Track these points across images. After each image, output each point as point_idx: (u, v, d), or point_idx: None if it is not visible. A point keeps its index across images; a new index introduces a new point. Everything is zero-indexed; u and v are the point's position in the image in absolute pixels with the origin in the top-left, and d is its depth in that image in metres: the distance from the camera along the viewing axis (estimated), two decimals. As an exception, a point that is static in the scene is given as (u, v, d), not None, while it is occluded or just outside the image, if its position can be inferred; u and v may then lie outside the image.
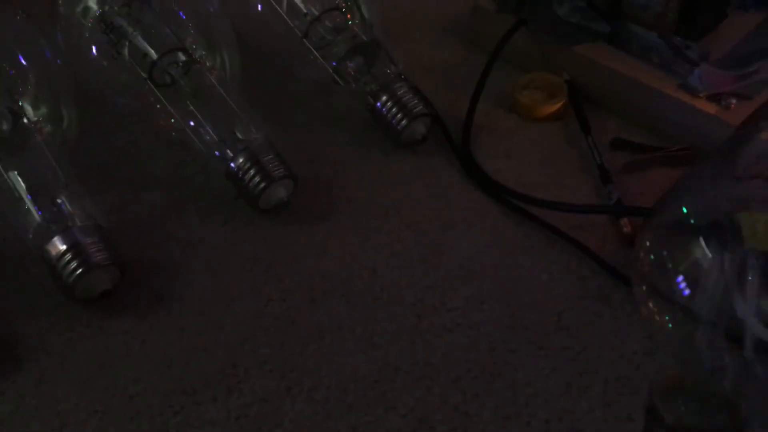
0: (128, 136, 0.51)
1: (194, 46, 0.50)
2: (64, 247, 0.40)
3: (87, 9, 0.51)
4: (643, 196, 0.47)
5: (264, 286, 0.43)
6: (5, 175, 0.43)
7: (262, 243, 0.45)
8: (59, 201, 0.42)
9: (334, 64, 0.52)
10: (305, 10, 0.54)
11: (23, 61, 0.47)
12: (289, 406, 0.37)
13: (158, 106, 0.49)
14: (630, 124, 0.52)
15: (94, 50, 0.51)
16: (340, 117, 0.53)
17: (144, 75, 0.49)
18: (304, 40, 0.53)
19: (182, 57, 0.49)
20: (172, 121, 0.48)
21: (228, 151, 0.47)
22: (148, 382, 0.37)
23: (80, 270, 0.39)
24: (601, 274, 0.42)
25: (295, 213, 0.47)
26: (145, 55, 0.49)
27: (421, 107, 0.51)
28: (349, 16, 0.54)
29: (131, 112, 0.51)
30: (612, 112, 0.53)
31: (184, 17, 0.51)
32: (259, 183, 0.45)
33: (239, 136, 0.48)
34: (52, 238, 0.40)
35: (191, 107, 0.48)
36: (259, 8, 0.56)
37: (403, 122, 0.51)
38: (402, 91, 0.51)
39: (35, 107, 0.46)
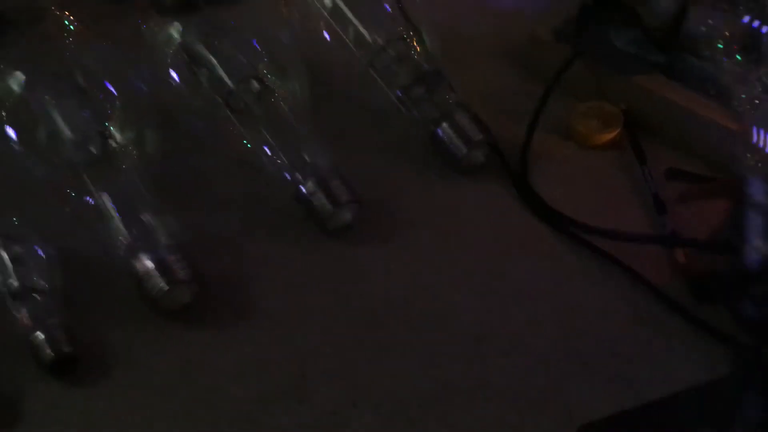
0: (203, 158, 0.54)
1: (267, 74, 0.53)
2: (151, 265, 0.43)
3: (170, 37, 0.55)
4: (697, 227, 0.48)
5: (331, 304, 0.45)
6: (96, 195, 0.46)
7: (329, 263, 0.48)
8: (145, 219, 0.45)
9: (399, 94, 0.55)
10: (371, 40, 0.58)
11: (111, 88, 0.50)
12: (356, 419, 0.39)
13: (232, 130, 0.52)
14: (685, 155, 0.54)
15: (174, 76, 0.55)
16: (401, 142, 0.56)
17: (220, 101, 0.53)
18: (369, 68, 0.57)
19: (256, 85, 0.53)
20: (246, 144, 0.52)
21: (297, 175, 0.50)
22: (225, 391, 0.40)
23: (165, 286, 0.43)
24: (655, 303, 0.44)
25: (360, 235, 0.49)
26: (222, 82, 0.53)
27: (480, 135, 0.53)
28: (414, 44, 0.57)
29: (206, 134, 0.54)
30: (667, 142, 0.55)
31: (259, 48, 0.54)
32: (327, 206, 0.48)
33: (308, 160, 0.51)
34: (140, 255, 0.44)
35: (263, 132, 0.52)
36: (327, 37, 0.59)
37: (463, 150, 0.53)
38: (462, 119, 0.54)
39: (122, 131, 0.50)
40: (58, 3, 0.57)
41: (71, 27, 0.55)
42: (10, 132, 0.48)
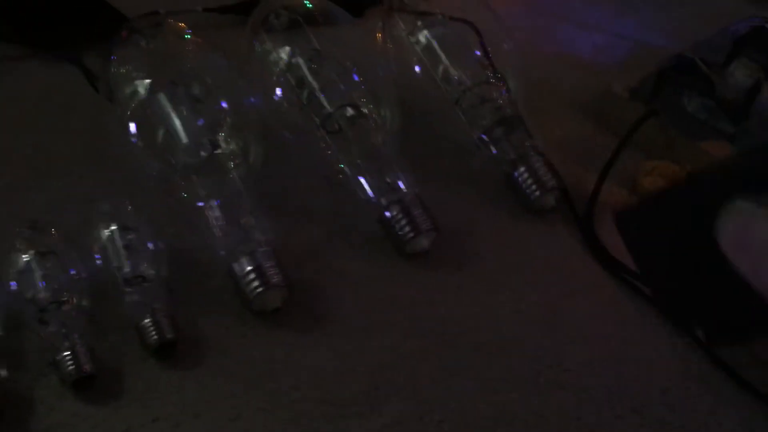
0: (294, 172, 0.59)
1: (363, 102, 0.58)
2: (249, 268, 0.48)
3: (278, 59, 0.60)
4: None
5: (403, 321, 0.49)
6: (203, 197, 0.51)
7: (403, 283, 0.52)
8: (245, 223, 0.50)
9: (483, 136, 0.59)
10: (458, 80, 0.62)
11: (223, 103, 0.55)
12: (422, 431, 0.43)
13: (324, 149, 0.57)
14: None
15: (278, 92, 0.59)
16: (476, 178, 0.60)
17: (317, 121, 0.57)
18: (455, 106, 0.61)
19: (351, 111, 0.57)
20: (336, 164, 0.56)
21: (383, 199, 0.54)
22: (305, 391, 0.45)
23: (260, 288, 0.47)
24: (705, 360, 0.47)
25: (433, 261, 0.53)
26: (321, 104, 0.58)
27: (553, 182, 0.57)
28: (498, 88, 0.61)
29: (299, 150, 0.59)
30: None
31: (357, 78, 0.59)
32: (408, 233, 0.52)
33: (393, 186, 0.55)
34: (240, 258, 0.48)
35: (354, 155, 0.56)
36: (418, 71, 0.63)
37: (537, 193, 0.57)
38: (538, 165, 0.57)
39: (228, 140, 0.54)
40: (176, 14, 0.63)
41: (187, 36, 0.60)
42: (132, 128, 0.53)
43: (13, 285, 0.45)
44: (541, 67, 0.72)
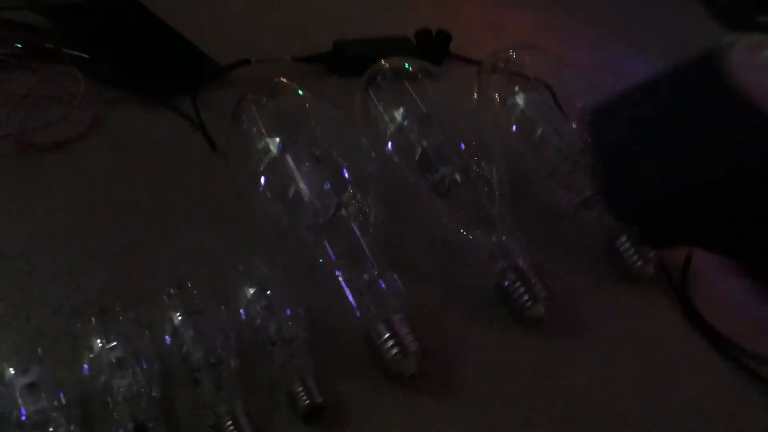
0: (403, 231, 0.60)
1: (479, 162, 0.60)
2: (387, 334, 0.49)
3: (392, 119, 0.62)
4: None
5: (527, 393, 0.51)
6: (334, 259, 0.52)
7: (523, 350, 0.54)
8: (378, 285, 0.51)
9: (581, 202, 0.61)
10: (558, 145, 0.64)
11: (345, 172, 0.57)
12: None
13: (437, 209, 0.59)
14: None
15: (389, 147, 0.61)
16: (574, 244, 0.62)
17: (428, 179, 0.59)
18: (552, 176, 0.63)
19: (462, 176, 0.59)
20: (451, 228, 0.58)
21: (497, 265, 0.56)
22: (448, 460, 0.46)
23: (399, 356, 0.49)
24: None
25: (547, 328, 0.55)
26: (433, 167, 0.60)
27: (654, 253, 0.60)
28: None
29: (410, 211, 0.61)
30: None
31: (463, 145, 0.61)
32: (526, 301, 0.55)
33: (506, 250, 0.57)
34: (377, 323, 0.50)
35: (466, 217, 0.58)
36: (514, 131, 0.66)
37: (639, 263, 0.59)
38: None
39: (352, 202, 0.56)
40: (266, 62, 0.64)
41: (300, 93, 0.62)
42: (262, 181, 0.55)
43: (168, 342, 0.46)
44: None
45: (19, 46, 0.70)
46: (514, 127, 0.67)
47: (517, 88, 0.67)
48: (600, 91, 0.66)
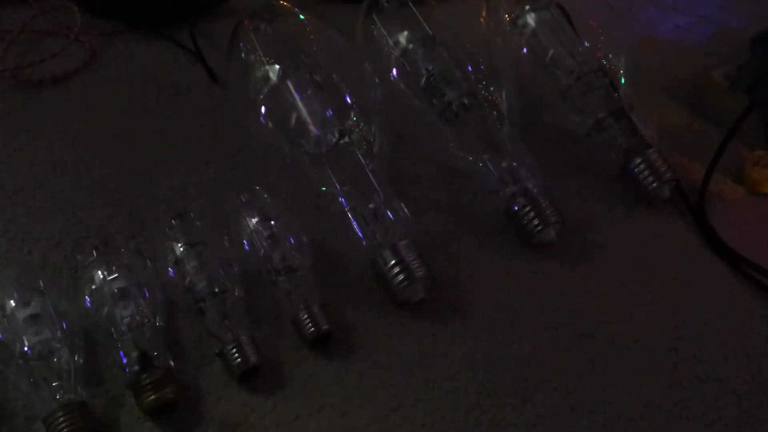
0: (410, 159, 0.59)
1: (481, 89, 0.58)
2: (393, 261, 0.48)
3: (397, 43, 0.59)
4: None
5: (538, 314, 0.50)
6: (339, 188, 0.51)
7: (533, 274, 0.53)
8: (384, 213, 0.50)
9: (595, 125, 0.59)
10: (569, 65, 0.62)
11: (348, 98, 0.55)
12: (575, 422, 0.45)
13: (446, 136, 0.57)
14: None
15: (394, 73, 0.59)
16: (587, 167, 0.60)
17: (435, 104, 0.57)
18: (564, 96, 0.61)
19: (470, 100, 0.57)
20: (459, 153, 0.57)
21: (508, 189, 0.55)
22: (459, 381, 0.46)
23: (406, 282, 0.48)
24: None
25: (558, 252, 0.54)
26: (440, 92, 0.58)
27: (670, 174, 0.58)
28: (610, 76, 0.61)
29: (417, 137, 0.59)
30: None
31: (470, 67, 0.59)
32: (537, 225, 0.53)
33: (516, 175, 0.55)
34: (382, 251, 0.49)
35: (479, 143, 0.56)
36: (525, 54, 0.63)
37: (654, 184, 0.57)
38: (654, 156, 0.58)
39: (354, 129, 0.54)
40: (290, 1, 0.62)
41: (302, 17, 0.59)
42: (263, 110, 0.53)
43: (171, 273, 0.46)
44: (636, 50, 0.72)
45: (13, -20, 0.68)
46: (525, 49, 0.64)
47: (527, 8, 0.64)
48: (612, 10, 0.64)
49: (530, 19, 0.64)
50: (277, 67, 0.54)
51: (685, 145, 0.64)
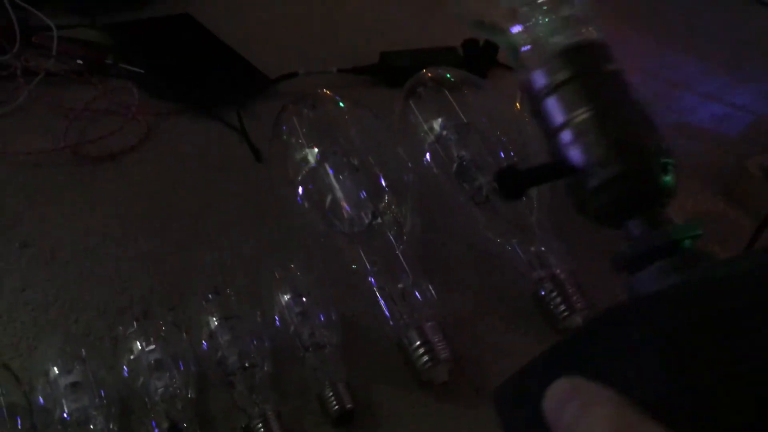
0: (440, 239, 0.61)
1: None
2: (418, 342, 0.50)
3: (431, 129, 0.62)
4: None
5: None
6: (369, 267, 0.53)
7: (558, 360, 0.53)
8: (411, 293, 0.52)
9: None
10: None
11: (382, 181, 0.57)
12: None
13: (473, 219, 0.59)
14: None
15: (427, 157, 0.62)
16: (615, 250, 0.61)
17: (467, 188, 0.59)
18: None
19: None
20: (488, 236, 0.58)
21: (536, 273, 0.56)
22: (480, 467, 0.46)
23: (430, 363, 0.49)
24: None
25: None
26: (471, 176, 0.60)
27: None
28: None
29: (447, 219, 0.61)
30: None
31: (503, 154, 0.61)
32: (563, 311, 0.54)
33: (544, 260, 0.57)
34: (408, 331, 0.50)
35: (507, 226, 0.58)
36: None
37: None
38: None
39: (387, 211, 0.57)
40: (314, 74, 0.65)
41: (341, 105, 0.63)
42: (300, 191, 0.56)
43: (204, 346, 0.48)
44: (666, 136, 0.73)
45: (80, 62, 0.74)
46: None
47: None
48: (651, 97, 0.65)
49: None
50: (317, 150, 0.57)
51: (719, 233, 0.65)
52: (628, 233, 0.34)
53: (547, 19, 0.37)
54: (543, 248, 0.56)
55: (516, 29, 0.38)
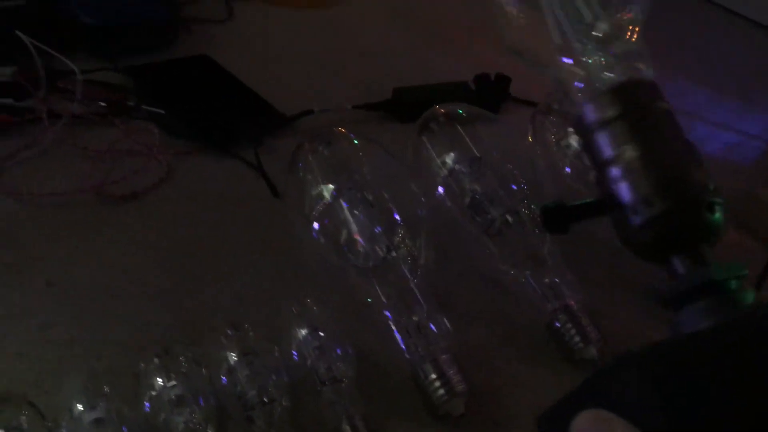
0: (451, 271, 0.62)
1: (524, 206, 0.61)
2: (434, 375, 0.50)
3: (444, 163, 0.63)
4: None
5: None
6: (384, 300, 0.54)
7: (574, 391, 0.54)
8: (426, 325, 0.53)
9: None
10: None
11: (396, 216, 0.58)
12: None
13: (486, 251, 0.60)
14: None
15: (440, 190, 0.63)
16: (630, 279, 0.62)
17: (480, 225, 0.60)
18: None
19: (512, 218, 0.60)
20: (501, 268, 0.59)
21: (549, 305, 0.57)
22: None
23: (446, 397, 0.50)
24: None
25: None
26: (484, 210, 0.61)
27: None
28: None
29: (460, 252, 0.62)
30: None
31: (514, 186, 0.62)
32: (578, 342, 0.54)
33: (556, 291, 0.57)
34: (423, 364, 0.51)
35: (517, 259, 0.59)
36: (568, 173, 0.66)
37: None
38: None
39: (402, 245, 0.58)
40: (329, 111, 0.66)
41: (356, 142, 0.64)
42: (316, 226, 0.57)
43: (224, 381, 0.49)
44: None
45: (103, 104, 0.76)
46: (568, 168, 0.67)
47: (571, 129, 0.68)
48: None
49: (573, 141, 0.67)
50: (332, 186, 0.58)
51: (731, 260, 0.65)
52: (670, 270, 0.35)
53: (599, 56, 0.39)
54: (556, 279, 0.57)
55: (566, 62, 0.40)
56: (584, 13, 0.40)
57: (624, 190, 0.35)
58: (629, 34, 0.40)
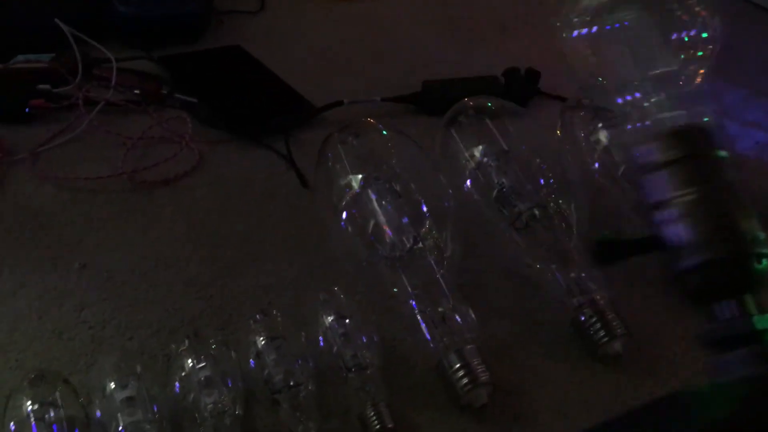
0: (482, 266, 0.62)
1: (551, 201, 0.61)
2: (458, 365, 0.51)
3: (472, 156, 0.64)
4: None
5: (601, 427, 0.51)
6: (410, 291, 0.55)
7: (596, 387, 0.53)
8: (452, 316, 0.53)
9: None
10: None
11: (424, 207, 0.59)
12: None
13: (513, 244, 0.60)
14: None
15: (468, 184, 0.63)
16: (656, 279, 0.61)
17: (506, 214, 0.61)
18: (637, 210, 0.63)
19: (539, 211, 0.60)
20: (527, 261, 0.59)
21: (574, 300, 0.57)
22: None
23: (470, 386, 0.50)
24: None
25: (625, 366, 0.55)
26: (510, 203, 0.61)
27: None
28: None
29: (486, 245, 0.62)
30: None
31: (542, 180, 0.62)
32: (603, 337, 0.54)
33: (582, 285, 0.57)
34: (448, 354, 0.51)
35: (542, 252, 0.59)
36: (597, 168, 0.66)
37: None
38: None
39: (428, 236, 0.58)
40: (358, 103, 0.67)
41: (385, 133, 0.65)
42: (344, 215, 0.58)
43: (252, 364, 0.50)
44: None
45: (137, 92, 0.78)
46: (596, 164, 0.67)
47: (600, 125, 0.68)
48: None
49: (602, 136, 0.67)
50: (360, 176, 0.59)
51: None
52: (713, 314, 0.36)
53: (661, 97, 0.39)
54: (582, 274, 0.57)
55: (624, 99, 0.40)
56: (651, 53, 0.41)
57: (677, 232, 0.36)
58: (694, 75, 0.41)
